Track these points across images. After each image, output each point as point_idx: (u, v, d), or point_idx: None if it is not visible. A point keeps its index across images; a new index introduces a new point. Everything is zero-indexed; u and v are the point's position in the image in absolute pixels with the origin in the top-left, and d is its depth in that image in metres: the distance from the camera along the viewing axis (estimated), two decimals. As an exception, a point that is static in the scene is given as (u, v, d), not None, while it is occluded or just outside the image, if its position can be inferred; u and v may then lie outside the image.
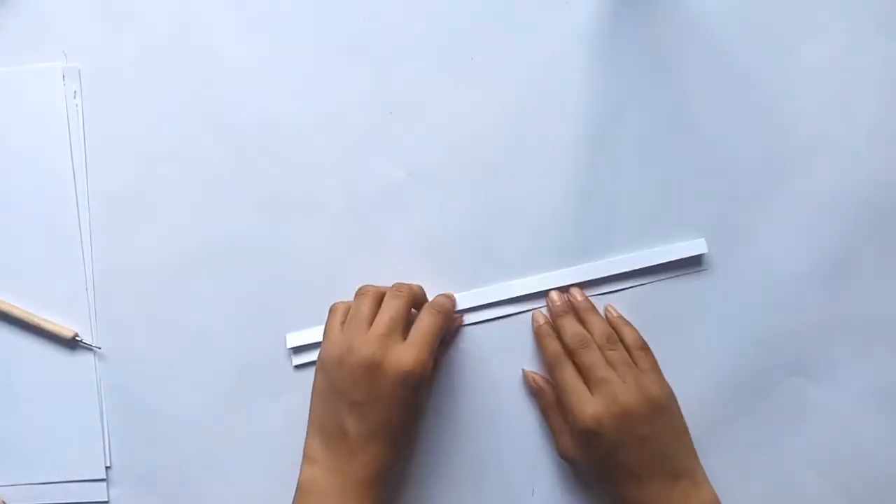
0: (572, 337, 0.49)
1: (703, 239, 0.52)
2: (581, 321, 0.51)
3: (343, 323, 0.49)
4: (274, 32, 0.54)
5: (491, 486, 0.53)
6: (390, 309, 0.48)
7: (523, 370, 0.52)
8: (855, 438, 0.52)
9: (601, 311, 0.52)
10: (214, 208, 0.54)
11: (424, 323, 0.48)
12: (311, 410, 0.48)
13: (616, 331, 0.50)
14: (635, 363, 0.49)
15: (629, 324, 0.51)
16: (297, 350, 0.53)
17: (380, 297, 0.49)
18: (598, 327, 0.50)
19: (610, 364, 0.48)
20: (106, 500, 0.54)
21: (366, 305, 0.48)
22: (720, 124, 0.53)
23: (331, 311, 0.50)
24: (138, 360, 0.54)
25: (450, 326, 0.52)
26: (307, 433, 0.48)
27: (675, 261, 0.52)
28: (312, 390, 0.48)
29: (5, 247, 0.55)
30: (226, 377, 0.54)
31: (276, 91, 0.54)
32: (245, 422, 0.54)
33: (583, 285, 0.52)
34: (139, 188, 0.54)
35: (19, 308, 0.54)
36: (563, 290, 0.52)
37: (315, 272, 0.54)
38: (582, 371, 0.48)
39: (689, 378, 0.52)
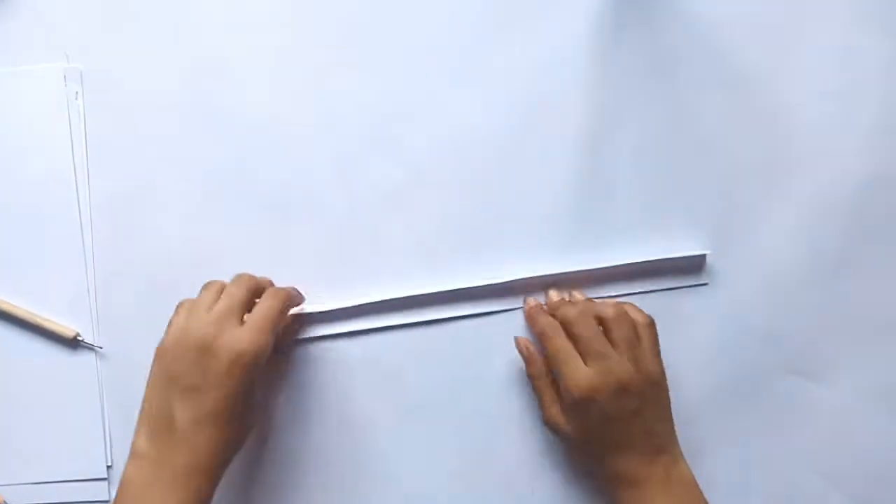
0: (570, 309, 0.49)
1: (706, 254, 0.52)
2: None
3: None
4: (274, 32, 0.54)
5: (491, 486, 0.53)
6: (228, 296, 0.47)
7: (515, 337, 0.52)
8: (855, 438, 0.52)
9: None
10: (215, 208, 0.54)
11: (263, 305, 0.47)
12: (142, 402, 0.47)
13: (623, 307, 0.49)
14: (639, 339, 0.48)
15: (634, 305, 0.50)
16: None
17: (222, 288, 0.48)
18: (607, 304, 0.49)
19: (612, 341, 0.47)
20: (107, 499, 0.54)
21: (208, 295, 0.48)
22: (720, 124, 0.53)
23: (176, 307, 0.49)
24: (139, 359, 0.54)
25: (289, 320, 0.52)
26: (136, 426, 0.46)
27: (678, 274, 0.52)
28: (146, 384, 0.47)
29: (7, 247, 0.55)
30: (226, 377, 0.54)
31: (277, 91, 0.54)
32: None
33: (582, 284, 0.52)
34: (140, 188, 0.55)
35: (21, 308, 0.54)
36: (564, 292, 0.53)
37: (316, 272, 0.54)
38: (577, 342, 0.48)
39: (689, 378, 0.52)
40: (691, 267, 0.52)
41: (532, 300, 0.52)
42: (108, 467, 0.54)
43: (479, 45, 0.54)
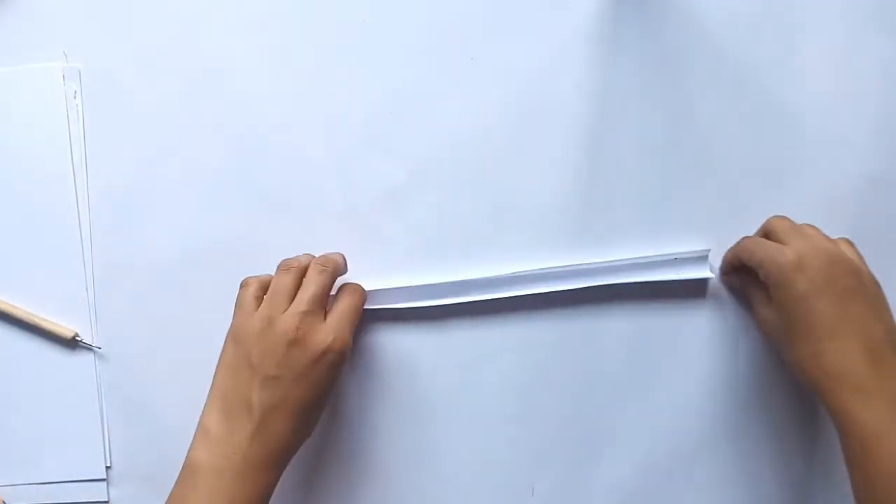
0: (772, 222, 0.48)
1: (709, 250, 0.52)
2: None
3: (258, 298, 0.48)
4: (274, 32, 0.54)
5: (491, 486, 0.53)
6: (313, 285, 0.47)
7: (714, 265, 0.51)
8: (855, 438, 0.52)
9: None
10: (214, 208, 0.54)
11: (345, 302, 0.48)
12: (214, 382, 0.47)
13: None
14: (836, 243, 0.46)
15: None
16: None
17: (301, 273, 0.49)
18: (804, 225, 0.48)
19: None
20: (106, 500, 0.54)
21: (287, 280, 0.48)
22: (720, 124, 0.53)
23: (242, 284, 0.49)
24: (138, 360, 0.54)
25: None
26: (206, 405, 0.47)
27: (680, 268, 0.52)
28: (219, 362, 0.47)
29: (5, 247, 0.55)
30: (226, 377, 0.54)
31: (277, 90, 0.54)
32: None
33: (583, 277, 0.52)
34: (139, 188, 0.54)
35: (19, 308, 0.54)
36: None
37: (315, 272, 0.54)
38: (777, 233, 0.47)
39: (689, 378, 0.52)
40: (694, 265, 0.52)
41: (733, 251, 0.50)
42: (108, 468, 0.54)
43: (480, 45, 0.53)
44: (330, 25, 0.54)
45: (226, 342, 0.48)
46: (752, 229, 0.52)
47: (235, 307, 0.48)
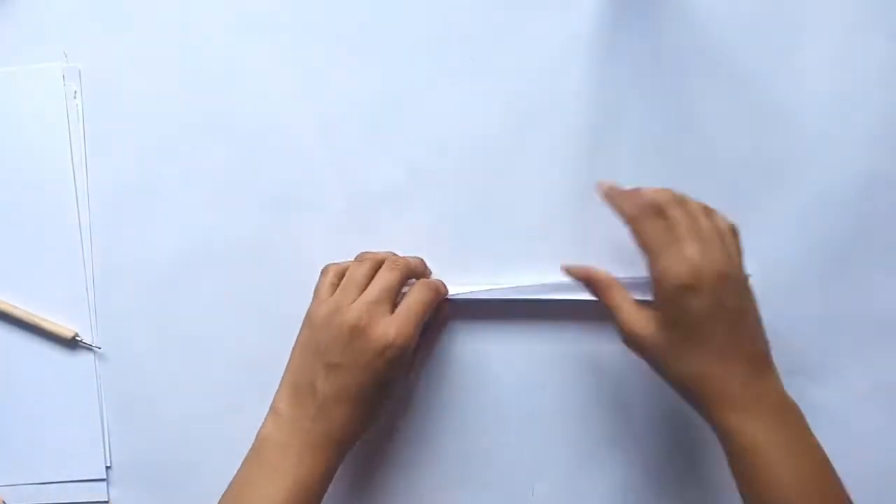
0: (663, 194, 0.45)
1: None
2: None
3: (334, 285, 0.49)
4: (274, 32, 0.54)
5: (491, 485, 0.53)
6: (383, 279, 0.48)
7: (564, 267, 0.49)
8: (855, 438, 0.52)
9: None
10: (214, 208, 0.54)
11: (414, 297, 0.48)
12: (289, 362, 0.48)
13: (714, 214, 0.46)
14: (725, 243, 0.44)
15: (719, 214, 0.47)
16: None
17: (377, 265, 0.49)
18: (692, 201, 0.45)
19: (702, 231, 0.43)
20: (106, 500, 0.54)
21: (361, 271, 0.48)
22: (720, 124, 0.53)
23: (323, 271, 0.50)
24: (138, 359, 0.54)
25: (437, 313, 0.51)
26: (280, 384, 0.48)
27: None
28: (295, 343, 0.48)
29: (5, 247, 0.55)
30: (226, 377, 0.54)
31: (277, 90, 0.54)
32: (245, 422, 0.53)
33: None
34: (139, 188, 0.54)
35: (19, 308, 0.54)
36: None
37: (315, 272, 0.53)
38: (674, 226, 0.43)
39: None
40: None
41: (606, 182, 0.47)
42: (108, 468, 0.54)
43: (480, 45, 0.53)
44: (330, 25, 0.54)
45: (302, 326, 0.49)
46: (751, 228, 0.52)
47: (314, 293, 0.49)
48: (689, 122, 0.53)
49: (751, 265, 0.52)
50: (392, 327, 0.46)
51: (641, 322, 0.44)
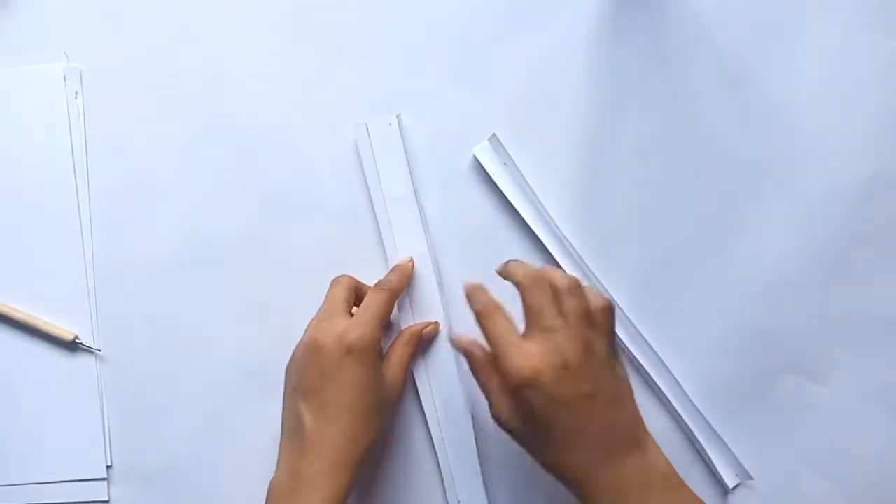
0: (525, 274, 0.44)
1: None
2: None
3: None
4: (274, 32, 0.54)
5: (491, 485, 0.53)
6: (327, 298, 0.49)
7: (450, 337, 0.50)
8: (855, 438, 0.52)
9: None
10: (215, 209, 0.54)
11: (367, 300, 0.49)
12: (281, 419, 0.49)
13: (580, 283, 0.44)
14: (591, 322, 0.43)
15: (592, 288, 0.45)
16: None
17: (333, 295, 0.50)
18: (561, 274, 0.44)
19: (561, 313, 0.42)
20: (107, 499, 0.54)
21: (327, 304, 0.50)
22: (720, 124, 0.53)
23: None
24: (138, 361, 0.54)
25: (424, 332, 0.52)
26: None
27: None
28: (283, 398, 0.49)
29: (6, 248, 0.55)
30: (226, 377, 0.54)
31: (277, 90, 0.54)
32: (245, 422, 0.54)
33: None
34: (140, 189, 0.55)
35: (20, 310, 0.54)
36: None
37: (315, 272, 0.53)
38: (528, 314, 0.43)
39: (689, 378, 0.52)
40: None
41: (470, 281, 0.46)
42: (108, 467, 0.54)
43: (480, 46, 0.54)
44: (330, 25, 0.54)
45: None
46: (751, 228, 0.52)
47: None
48: (688, 121, 0.53)
49: (751, 265, 0.52)
50: (347, 329, 0.46)
51: (508, 413, 0.43)
